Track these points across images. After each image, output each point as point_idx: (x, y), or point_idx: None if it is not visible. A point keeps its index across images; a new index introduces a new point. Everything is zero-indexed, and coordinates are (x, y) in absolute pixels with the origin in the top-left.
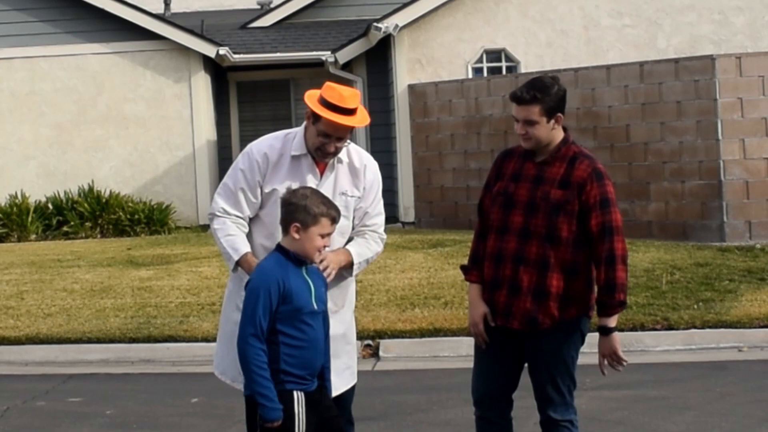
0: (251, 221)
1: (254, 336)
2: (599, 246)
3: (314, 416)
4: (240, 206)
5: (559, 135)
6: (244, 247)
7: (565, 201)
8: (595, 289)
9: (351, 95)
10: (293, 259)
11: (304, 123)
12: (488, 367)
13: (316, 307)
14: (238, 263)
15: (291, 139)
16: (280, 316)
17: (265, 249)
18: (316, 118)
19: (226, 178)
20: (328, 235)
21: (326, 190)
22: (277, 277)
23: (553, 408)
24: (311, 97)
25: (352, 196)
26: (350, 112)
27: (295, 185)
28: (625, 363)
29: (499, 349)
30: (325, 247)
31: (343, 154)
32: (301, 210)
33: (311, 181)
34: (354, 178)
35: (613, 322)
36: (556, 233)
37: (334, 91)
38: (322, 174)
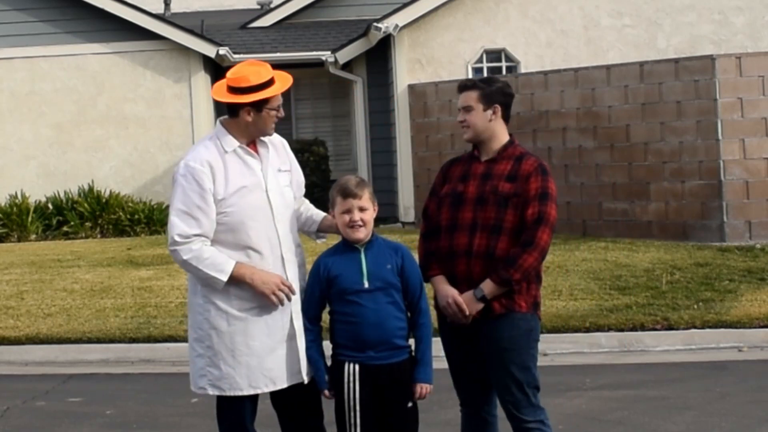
0: (221, 234)
1: (306, 318)
2: (526, 232)
3: (372, 389)
4: (201, 224)
5: (501, 133)
6: (228, 261)
7: (513, 193)
8: (540, 285)
9: (261, 66)
10: (345, 243)
11: (218, 124)
12: (457, 367)
13: (368, 285)
14: (232, 278)
15: (217, 141)
16: (332, 297)
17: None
18: (258, 105)
19: (175, 203)
20: (350, 210)
21: (270, 169)
22: (319, 267)
23: (520, 410)
24: (224, 94)
25: (286, 171)
26: (273, 79)
27: (249, 178)
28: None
29: (464, 352)
30: (355, 221)
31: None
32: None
33: (256, 166)
34: (280, 155)
35: (489, 291)
36: (502, 224)
37: (253, 74)
38: (260, 156)
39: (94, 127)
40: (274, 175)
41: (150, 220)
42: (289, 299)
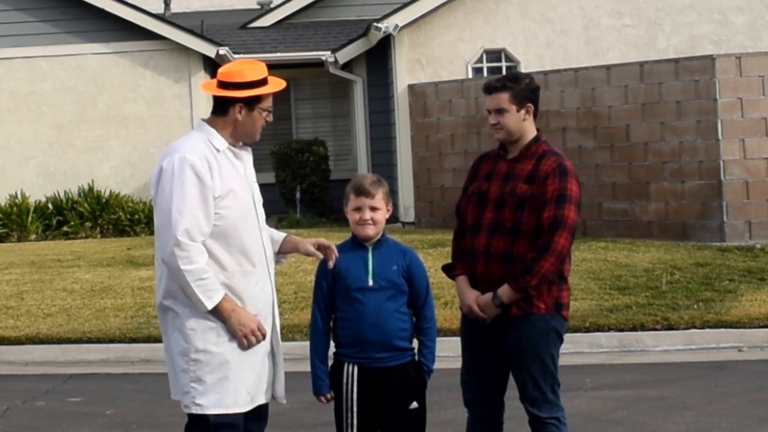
0: (213, 239)
1: (316, 309)
2: (542, 237)
3: (371, 391)
4: (204, 225)
5: (531, 131)
6: (219, 290)
7: (530, 195)
8: (564, 286)
9: (257, 63)
10: (354, 240)
11: (201, 123)
12: (474, 368)
13: (371, 283)
14: (217, 309)
15: (207, 139)
16: (336, 293)
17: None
18: (251, 103)
19: (175, 200)
20: (361, 208)
21: (250, 176)
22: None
23: (536, 406)
24: (215, 89)
25: (255, 182)
26: (267, 79)
27: (238, 181)
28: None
29: (481, 350)
30: (365, 220)
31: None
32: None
33: (241, 170)
34: (251, 166)
35: (507, 297)
36: (519, 227)
37: (248, 70)
38: (244, 162)
39: (94, 127)
40: (253, 182)
41: (150, 220)
42: (258, 342)
